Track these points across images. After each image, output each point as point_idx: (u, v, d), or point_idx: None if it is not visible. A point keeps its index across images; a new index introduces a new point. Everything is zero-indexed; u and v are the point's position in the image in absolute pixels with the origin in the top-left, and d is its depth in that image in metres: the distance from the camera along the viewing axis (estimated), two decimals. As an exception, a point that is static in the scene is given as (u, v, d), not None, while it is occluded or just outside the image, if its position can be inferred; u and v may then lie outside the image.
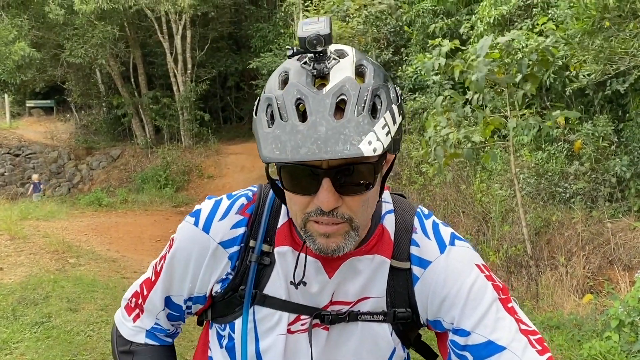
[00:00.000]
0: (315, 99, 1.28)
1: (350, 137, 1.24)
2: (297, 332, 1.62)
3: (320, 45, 1.30)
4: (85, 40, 27.21)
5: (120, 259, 12.43)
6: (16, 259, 11.06)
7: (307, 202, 1.38)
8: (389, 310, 1.60)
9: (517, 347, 1.44)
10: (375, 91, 1.32)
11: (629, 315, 6.44)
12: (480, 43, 8.21)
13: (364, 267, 1.57)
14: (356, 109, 1.27)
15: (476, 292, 1.51)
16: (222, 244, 1.62)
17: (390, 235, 1.60)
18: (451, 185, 13.87)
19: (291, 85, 1.33)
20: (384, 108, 1.32)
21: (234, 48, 34.67)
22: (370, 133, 1.26)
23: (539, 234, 10.72)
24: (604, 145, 10.91)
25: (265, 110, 1.35)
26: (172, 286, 1.72)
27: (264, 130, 1.31)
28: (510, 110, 8.93)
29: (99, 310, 8.30)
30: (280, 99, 1.32)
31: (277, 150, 1.26)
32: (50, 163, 31.14)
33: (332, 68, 1.34)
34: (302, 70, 1.35)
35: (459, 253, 1.59)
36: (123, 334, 1.83)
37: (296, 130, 1.26)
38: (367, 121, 1.27)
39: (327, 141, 1.23)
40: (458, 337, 1.51)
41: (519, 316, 1.52)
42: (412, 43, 17.98)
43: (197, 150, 29.54)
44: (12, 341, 7.14)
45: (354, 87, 1.30)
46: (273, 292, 1.61)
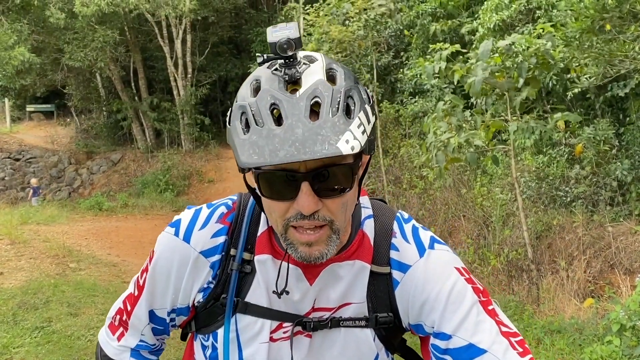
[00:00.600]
0: (290, 103, 1.29)
1: (327, 137, 1.25)
2: (280, 340, 1.61)
3: (290, 50, 1.30)
4: (86, 44, 27.22)
5: (121, 263, 12.44)
6: (16, 264, 11.06)
7: (287, 208, 1.38)
8: (371, 315, 1.60)
9: (498, 350, 1.44)
10: (348, 92, 1.33)
11: (630, 320, 6.43)
12: (481, 48, 8.22)
13: (344, 273, 1.57)
14: (331, 110, 1.28)
15: (456, 295, 1.51)
16: (203, 253, 1.62)
17: (370, 241, 1.60)
18: (452, 189, 13.87)
19: (264, 91, 1.33)
20: (357, 108, 1.33)
21: (234, 52, 34.71)
22: (347, 132, 1.27)
23: (539, 238, 10.71)
24: (605, 149, 10.90)
25: (239, 118, 1.35)
26: (155, 298, 1.71)
27: (240, 137, 1.32)
28: (511, 114, 8.93)
29: (99, 315, 8.30)
30: (254, 106, 1.32)
31: (254, 155, 1.27)
32: (51, 167, 31.14)
33: (304, 72, 1.35)
34: (273, 77, 1.35)
35: (438, 256, 1.59)
36: (108, 353, 1.83)
37: (273, 134, 1.26)
38: (342, 121, 1.28)
39: (304, 142, 1.23)
40: (439, 341, 1.51)
41: (500, 318, 1.52)
42: (413, 47, 17.97)
43: (197, 155, 29.54)
44: (12, 346, 7.14)
45: (326, 89, 1.31)
46: (255, 300, 1.61)
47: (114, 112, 32.02)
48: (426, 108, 15.58)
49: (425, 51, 14.96)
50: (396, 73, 18.46)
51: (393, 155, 17.25)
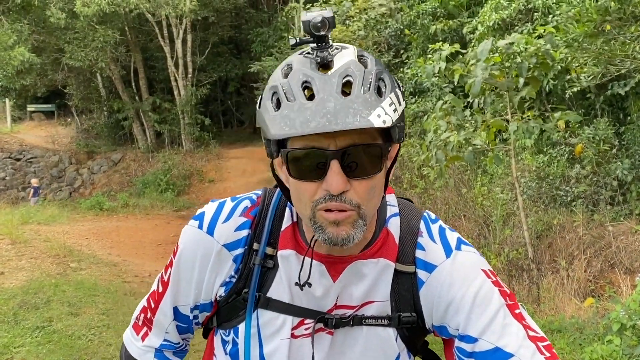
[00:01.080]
0: (322, 79, 1.30)
1: (359, 110, 1.25)
2: (301, 337, 1.60)
3: (324, 29, 1.31)
4: (86, 44, 27.27)
5: (122, 263, 12.44)
6: (17, 263, 11.06)
7: (315, 189, 1.37)
8: (394, 314, 1.58)
9: (525, 354, 1.42)
10: (379, 74, 1.34)
11: (630, 319, 6.43)
12: (480, 47, 8.21)
13: (368, 271, 1.55)
14: (362, 87, 1.29)
15: (482, 297, 1.49)
16: (226, 246, 1.61)
17: (395, 239, 1.58)
18: (452, 189, 13.87)
19: (296, 71, 1.34)
20: (388, 90, 1.33)
21: (235, 52, 34.75)
22: (379, 108, 1.28)
23: (540, 237, 10.71)
24: (605, 148, 10.90)
25: (270, 98, 1.35)
26: (179, 293, 1.70)
27: (271, 114, 1.33)
28: (511, 114, 8.93)
29: (100, 315, 8.30)
30: (285, 85, 1.33)
31: (286, 127, 1.27)
32: (51, 167, 31.16)
33: (335, 56, 1.35)
34: (305, 60, 1.36)
35: (465, 258, 1.56)
36: (132, 353, 1.83)
37: (304, 107, 1.27)
38: (374, 98, 1.29)
39: (336, 114, 1.24)
40: (465, 344, 1.49)
41: (527, 322, 1.50)
42: (413, 46, 17.98)
43: (198, 155, 29.58)
44: (13, 345, 7.14)
45: (358, 69, 1.32)
46: (277, 295, 1.59)
47: (115, 112, 32.07)
48: (426, 107, 15.57)
49: (425, 51, 14.96)
50: (396, 72, 18.46)
51: (393, 155, 17.23)
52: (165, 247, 15.10)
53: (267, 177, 24.54)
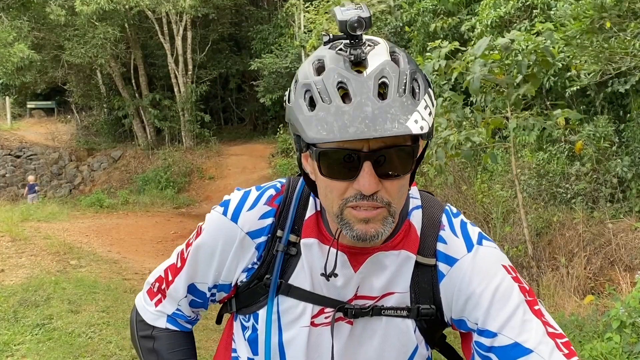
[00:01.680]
0: (358, 81, 1.28)
1: (397, 116, 1.25)
2: (321, 325, 1.61)
3: (360, 29, 1.29)
4: (86, 40, 27.27)
5: (122, 260, 12.44)
6: (17, 261, 11.07)
7: (346, 188, 1.37)
8: (413, 306, 1.59)
9: (544, 350, 1.42)
10: (413, 74, 1.34)
11: (630, 316, 6.44)
12: (478, 44, 8.20)
13: (389, 263, 1.56)
14: (398, 90, 1.28)
15: (502, 293, 1.49)
16: (249, 234, 1.63)
17: (417, 231, 1.59)
18: (452, 186, 13.87)
19: (330, 70, 1.32)
20: (422, 90, 1.34)
21: (235, 49, 34.73)
22: (415, 112, 1.28)
23: (540, 234, 10.71)
24: (605, 145, 10.90)
25: (303, 96, 1.34)
26: (196, 273, 1.72)
27: (305, 114, 1.31)
28: (511, 111, 8.93)
29: (100, 312, 8.30)
30: (319, 84, 1.31)
31: (323, 131, 1.26)
32: (51, 164, 31.18)
33: (369, 53, 1.34)
34: (338, 57, 1.34)
35: (486, 253, 1.57)
36: (145, 318, 1.84)
37: (342, 111, 1.26)
38: (410, 102, 1.29)
39: (374, 120, 1.23)
40: (484, 339, 1.49)
41: (546, 319, 1.50)
42: (413, 43, 17.98)
43: (198, 152, 29.59)
44: (13, 343, 7.14)
45: (394, 70, 1.31)
46: (298, 282, 1.61)
47: (115, 109, 32.10)
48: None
49: (425, 48, 14.95)
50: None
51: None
52: (165, 244, 15.11)
53: (268, 174, 24.60)
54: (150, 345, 1.82)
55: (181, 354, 1.82)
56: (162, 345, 1.81)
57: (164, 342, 1.81)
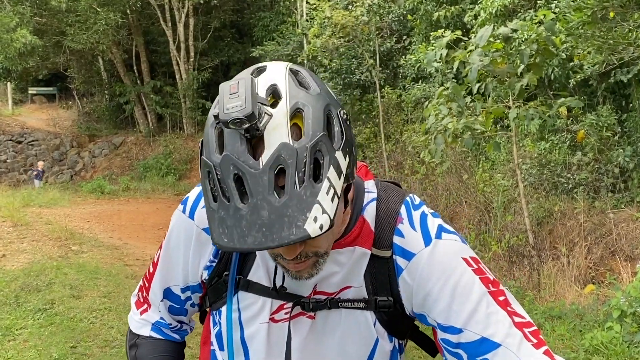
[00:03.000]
0: (254, 177, 1.21)
1: (294, 217, 1.19)
2: (281, 321, 1.60)
3: (245, 124, 1.20)
4: (88, 26, 27.20)
5: (123, 246, 12.47)
6: (19, 246, 11.09)
7: None
8: (370, 297, 1.57)
9: (512, 343, 1.39)
10: (314, 148, 1.23)
11: (630, 306, 6.46)
12: (480, 33, 8.17)
13: (345, 259, 1.55)
14: (297, 178, 1.20)
15: (463, 287, 1.45)
16: (205, 230, 1.62)
17: (370, 225, 1.57)
18: (453, 175, 13.87)
19: (227, 158, 1.24)
20: (326, 164, 1.24)
21: (237, 37, 34.64)
22: (315, 206, 1.20)
23: (541, 224, 10.72)
24: (607, 135, 10.90)
25: (207, 177, 1.30)
26: (170, 275, 1.74)
27: (210, 204, 1.27)
28: (513, 101, 8.92)
29: (101, 297, 8.32)
30: (219, 170, 1.25)
31: (225, 237, 1.22)
32: (53, 150, 31.20)
33: (266, 129, 1.24)
34: (234, 133, 1.25)
35: (444, 247, 1.52)
36: (131, 327, 1.86)
37: (239, 214, 1.20)
38: (309, 192, 1.20)
39: (271, 227, 1.18)
40: (449, 335, 1.47)
41: (513, 308, 1.46)
42: (416, 32, 17.94)
43: (199, 139, 29.30)
44: (15, 327, 7.16)
45: (291, 155, 1.21)
46: (256, 278, 1.60)
47: (116, 96, 32.07)
48: (428, 93, 15.55)
49: (428, 36, 14.93)
50: (399, 58, 18.44)
51: (395, 141, 17.25)
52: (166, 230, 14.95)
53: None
54: (133, 353, 1.82)
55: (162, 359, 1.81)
56: (144, 352, 1.81)
57: (146, 349, 1.81)
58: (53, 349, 6.57)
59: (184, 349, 1.95)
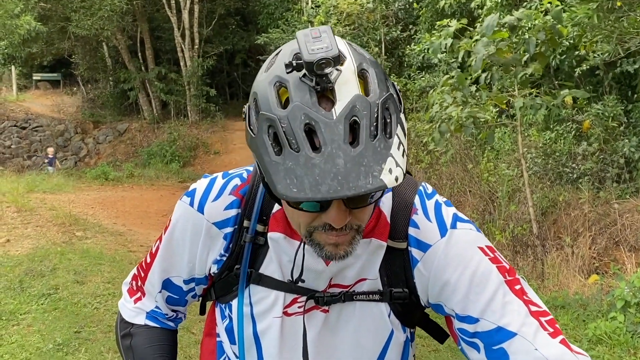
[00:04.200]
0: (328, 126, 1.19)
1: (370, 167, 1.17)
2: (294, 315, 1.60)
3: (329, 67, 1.20)
4: (93, 12, 27.14)
5: (127, 232, 12.48)
6: (23, 231, 11.10)
7: (314, 218, 1.34)
8: (385, 289, 1.57)
9: (527, 332, 1.40)
10: (384, 104, 1.24)
11: (634, 296, 6.47)
12: (486, 22, 8.14)
13: (361, 252, 1.53)
14: (370, 131, 1.20)
15: (480, 277, 1.46)
16: (216, 225, 1.61)
17: (386, 217, 1.56)
18: (458, 164, 13.86)
19: (297, 108, 1.21)
20: (394, 121, 1.24)
21: (241, 24, 34.62)
22: (389, 159, 1.20)
23: (545, 214, 10.71)
24: (613, 125, 10.87)
25: (266, 132, 1.24)
26: (172, 266, 1.71)
27: (271, 158, 1.22)
28: (518, 90, 8.90)
29: (105, 283, 8.34)
30: (284, 122, 1.21)
31: (294, 187, 1.18)
32: (57, 136, 31.21)
33: (336, 82, 1.23)
34: (302, 86, 1.23)
35: (460, 236, 1.53)
36: (124, 315, 1.83)
37: (312, 163, 1.17)
38: (383, 145, 1.20)
39: (347, 176, 1.16)
40: (466, 325, 1.47)
41: (529, 297, 1.47)
42: (421, 20, 17.89)
43: (203, 126, 29.57)
44: (19, 312, 7.20)
45: (364, 107, 1.21)
46: (269, 272, 1.59)
47: (121, 82, 32.02)
48: (434, 83, 15.52)
49: (433, 25, 14.88)
50: (404, 47, 18.39)
51: (399, 130, 17.20)
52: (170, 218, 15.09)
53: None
54: (128, 342, 1.80)
55: (159, 348, 1.79)
56: (139, 341, 1.79)
57: (141, 338, 1.79)
58: (57, 334, 6.60)
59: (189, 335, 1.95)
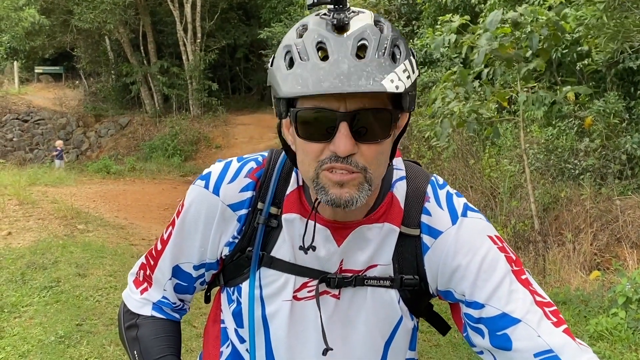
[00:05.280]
0: (337, 41, 1.29)
1: (372, 74, 1.25)
2: (304, 299, 1.60)
3: None
4: (95, 5, 27.13)
5: (129, 226, 12.49)
6: (25, 224, 11.12)
7: (321, 150, 1.36)
8: (396, 276, 1.58)
9: (532, 319, 1.42)
10: (395, 40, 1.34)
11: (636, 292, 6.47)
12: (490, 17, 8.14)
13: (373, 236, 1.55)
14: (377, 52, 1.29)
15: (488, 264, 1.48)
16: (230, 206, 1.62)
17: (400, 203, 1.58)
18: (460, 160, 13.86)
19: (311, 31, 1.34)
20: (403, 56, 1.33)
21: (244, 18, 34.63)
22: (392, 73, 1.28)
23: (547, 210, 10.71)
24: (615, 122, 10.86)
25: (283, 57, 1.36)
26: (182, 252, 1.71)
27: (283, 72, 1.33)
28: (520, 85, 8.90)
29: (107, 276, 8.35)
30: (299, 44, 1.33)
31: (298, 85, 1.28)
32: (59, 129, 31.22)
33: (352, 18, 1.34)
34: (321, 21, 1.35)
35: (471, 224, 1.56)
36: (130, 306, 1.82)
37: (318, 67, 1.27)
38: (388, 63, 1.29)
39: (349, 76, 1.24)
40: (472, 310, 1.50)
41: (534, 288, 1.50)
42: (424, 15, 17.87)
43: (205, 120, 29.58)
44: (21, 305, 7.20)
45: (374, 33, 1.31)
46: (280, 254, 1.60)
47: (123, 76, 32.05)
48: (436, 78, 15.51)
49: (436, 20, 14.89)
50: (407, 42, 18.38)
51: (401, 125, 17.20)
52: (172, 211, 15.06)
53: (275, 144, 24.57)
54: (134, 333, 1.80)
55: (165, 340, 1.79)
56: (146, 332, 1.78)
57: (148, 329, 1.79)
58: (59, 326, 6.60)
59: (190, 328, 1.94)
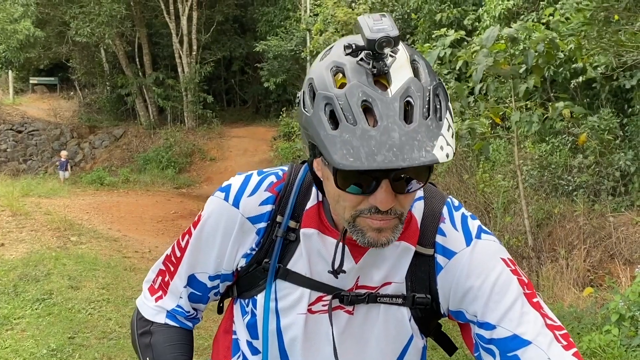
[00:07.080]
0: (384, 102, 1.24)
1: (423, 142, 1.22)
2: (318, 313, 1.62)
3: (389, 48, 1.26)
4: (92, 18, 27.16)
5: (122, 238, 12.46)
6: (17, 235, 11.08)
7: (360, 201, 1.36)
8: (409, 294, 1.60)
9: (542, 342, 1.43)
10: (435, 90, 1.31)
11: (629, 310, 6.46)
12: (486, 34, 8.16)
13: (389, 254, 1.57)
14: (422, 113, 1.25)
15: (501, 285, 1.50)
16: (250, 219, 1.63)
17: (417, 223, 1.60)
18: (454, 175, 13.88)
19: (354, 86, 1.27)
20: (444, 107, 1.30)
21: (239, 31, 34.71)
22: (440, 137, 1.25)
23: (540, 225, 10.73)
24: (609, 138, 10.90)
25: (323, 109, 1.29)
26: (197, 262, 1.72)
27: (328, 132, 1.26)
28: (514, 101, 8.92)
29: (100, 289, 8.33)
30: (342, 99, 1.26)
31: (350, 157, 1.22)
32: (53, 140, 31.18)
33: (392, 66, 1.30)
34: (360, 69, 1.30)
35: (485, 246, 1.58)
36: (144, 314, 1.83)
37: (368, 135, 1.22)
38: (435, 125, 1.26)
39: (402, 148, 1.21)
40: (484, 331, 1.51)
41: (545, 311, 1.51)
42: (419, 30, 17.94)
43: (200, 132, 29.61)
44: (13, 317, 7.17)
45: (418, 89, 1.28)
46: (296, 268, 1.61)
47: (118, 87, 32.08)
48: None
49: (431, 36, 14.94)
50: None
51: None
52: (165, 223, 15.13)
53: (269, 157, 24.63)
54: (147, 340, 1.81)
55: (178, 347, 1.80)
56: (159, 339, 1.79)
57: (161, 336, 1.80)
58: (51, 339, 6.58)
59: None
